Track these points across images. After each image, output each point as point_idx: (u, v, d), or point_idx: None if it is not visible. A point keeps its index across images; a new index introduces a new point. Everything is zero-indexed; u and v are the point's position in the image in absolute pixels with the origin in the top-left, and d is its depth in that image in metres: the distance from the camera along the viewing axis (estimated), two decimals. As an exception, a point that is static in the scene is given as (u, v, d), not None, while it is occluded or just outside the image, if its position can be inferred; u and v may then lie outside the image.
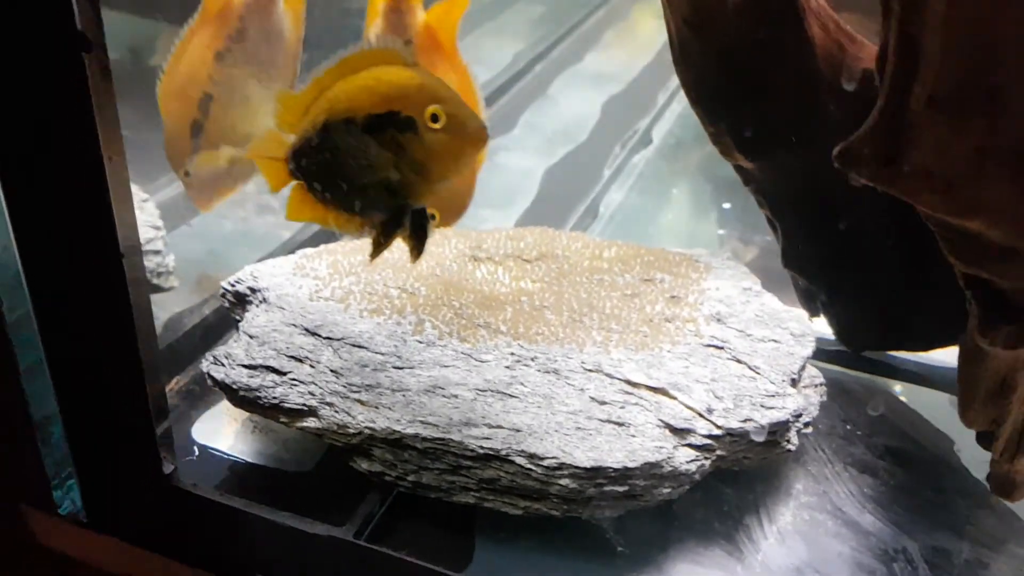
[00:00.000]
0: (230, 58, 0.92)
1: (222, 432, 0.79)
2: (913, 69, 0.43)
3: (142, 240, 0.84)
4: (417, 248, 0.67)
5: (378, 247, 0.67)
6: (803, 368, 0.73)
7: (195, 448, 0.78)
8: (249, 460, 0.76)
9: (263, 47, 0.93)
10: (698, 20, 0.72)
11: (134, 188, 0.91)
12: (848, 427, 0.79)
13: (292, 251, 1.00)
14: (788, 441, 0.70)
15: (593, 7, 1.99)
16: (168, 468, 0.75)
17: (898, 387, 0.86)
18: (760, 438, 0.67)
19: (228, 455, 0.77)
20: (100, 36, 0.56)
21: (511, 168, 1.31)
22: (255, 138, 0.75)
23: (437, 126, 0.63)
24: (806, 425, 0.72)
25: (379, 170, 0.66)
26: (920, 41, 0.42)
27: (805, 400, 0.72)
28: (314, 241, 1.03)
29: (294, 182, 0.68)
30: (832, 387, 0.85)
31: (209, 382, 0.72)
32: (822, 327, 0.88)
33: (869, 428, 0.79)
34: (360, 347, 0.71)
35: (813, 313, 0.87)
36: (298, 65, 0.97)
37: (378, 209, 0.67)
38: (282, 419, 0.70)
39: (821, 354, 0.88)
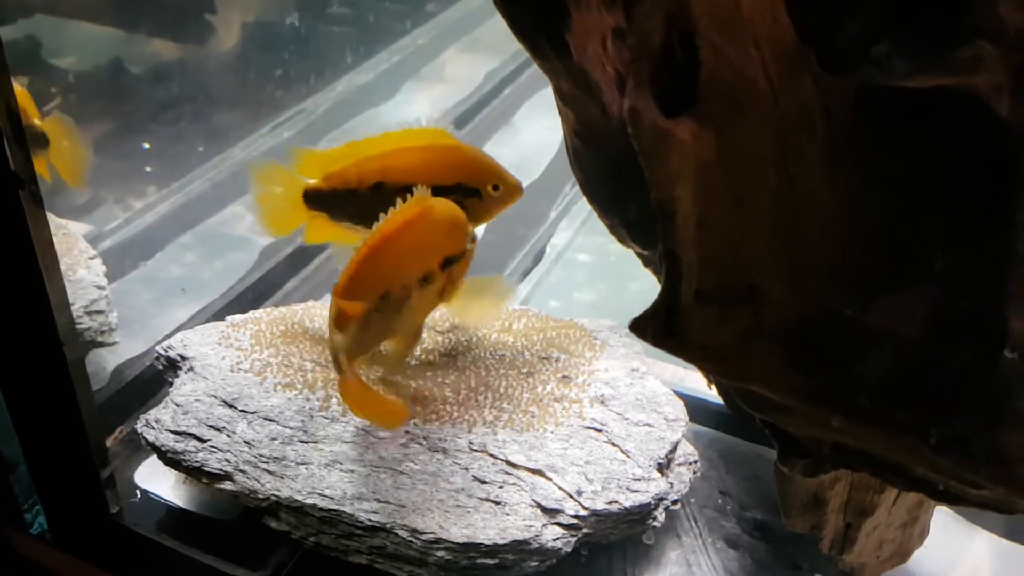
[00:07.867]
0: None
1: (160, 478, 0.92)
2: (678, 271, 0.53)
3: (86, 301, 0.97)
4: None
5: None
6: (673, 451, 0.85)
7: (137, 492, 0.92)
8: (182, 506, 0.90)
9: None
10: (586, 132, 0.82)
11: (82, 246, 1.04)
12: (722, 500, 0.90)
13: (230, 301, 1.13)
14: (654, 519, 0.82)
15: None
16: (114, 509, 0.90)
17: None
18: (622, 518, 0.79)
19: (165, 500, 0.91)
20: (31, 172, 0.68)
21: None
22: None
23: (496, 194, 0.90)
24: (674, 503, 0.83)
25: None
26: (679, 253, 0.52)
27: (673, 481, 0.84)
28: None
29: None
30: (721, 455, 0.97)
31: (142, 441, 0.86)
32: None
33: (744, 500, 0.91)
34: (271, 421, 0.83)
35: (709, 380, 0.98)
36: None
37: None
38: (203, 480, 0.83)
39: (712, 420, 1.00)
